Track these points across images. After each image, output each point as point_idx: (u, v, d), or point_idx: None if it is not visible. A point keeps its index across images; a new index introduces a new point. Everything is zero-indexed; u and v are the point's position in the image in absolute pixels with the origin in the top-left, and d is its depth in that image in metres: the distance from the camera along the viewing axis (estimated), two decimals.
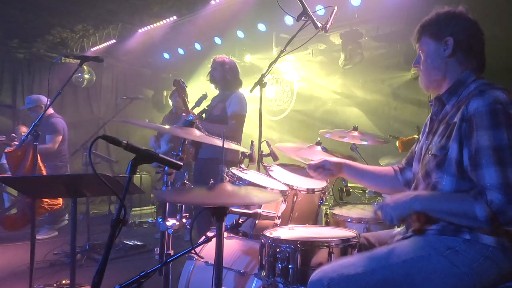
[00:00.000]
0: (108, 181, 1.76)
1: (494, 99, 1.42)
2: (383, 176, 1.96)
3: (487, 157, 1.37)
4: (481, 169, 1.38)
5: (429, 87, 1.69)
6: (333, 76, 6.03)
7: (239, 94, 3.73)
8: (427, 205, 1.48)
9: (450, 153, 1.48)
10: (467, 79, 1.58)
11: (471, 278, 1.39)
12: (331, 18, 2.62)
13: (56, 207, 3.89)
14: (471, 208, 1.36)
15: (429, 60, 1.65)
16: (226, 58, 3.85)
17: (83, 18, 6.35)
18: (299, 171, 2.57)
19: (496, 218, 1.33)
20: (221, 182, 1.72)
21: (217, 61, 3.81)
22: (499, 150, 1.36)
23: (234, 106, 3.64)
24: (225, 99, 3.70)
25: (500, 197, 1.32)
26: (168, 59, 7.38)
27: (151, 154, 1.39)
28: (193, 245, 1.80)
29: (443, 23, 1.62)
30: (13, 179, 2.99)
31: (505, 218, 1.33)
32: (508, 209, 1.31)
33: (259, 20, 5.75)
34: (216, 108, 3.71)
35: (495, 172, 1.35)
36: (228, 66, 3.79)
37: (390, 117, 5.35)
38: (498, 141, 1.37)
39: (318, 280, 1.46)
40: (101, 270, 1.29)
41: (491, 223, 1.34)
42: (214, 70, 3.82)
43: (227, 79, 3.76)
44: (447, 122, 1.54)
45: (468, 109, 1.45)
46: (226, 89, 3.78)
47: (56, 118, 5.31)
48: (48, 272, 3.76)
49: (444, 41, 1.59)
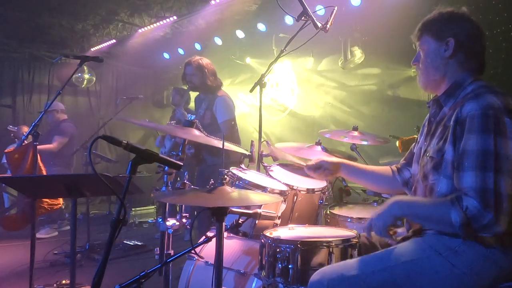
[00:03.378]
0: (108, 181, 1.76)
1: (487, 104, 1.41)
2: (381, 175, 1.96)
3: (470, 160, 1.37)
4: (462, 172, 1.39)
5: (427, 86, 1.69)
6: (333, 76, 6.03)
7: (223, 98, 3.63)
8: (405, 210, 1.49)
9: (446, 155, 1.48)
10: (464, 81, 1.57)
11: (470, 279, 1.39)
12: (331, 18, 2.62)
13: (56, 207, 3.88)
14: (447, 213, 1.36)
15: (428, 59, 1.64)
16: (201, 60, 3.64)
17: (83, 18, 6.35)
18: (299, 171, 2.56)
19: (469, 224, 1.33)
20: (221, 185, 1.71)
21: (194, 66, 3.61)
22: (483, 155, 1.36)
23: (221, 114, 3.56)
24: (211, 105, 3.61)
25: (476, 203, 1.32)
26: (168, 59, 7.38)
27: (151, 154, 1.39)
28: (193, 245, 1.80)
29: (445, 23, 1.61)
30: (13, 179, 2.99)
31: (479, 225, 1.32)
32: (482, 216, 1.31)
33: (259, 20, 5.75)
34: (205, 117, 3.61)
35: (474, 177, 1.35)
36: (207, 70, 3.60)
37: (390, 117, 5.35)
38: (484, 146, 1.36)
39: (318, 281, 1.46)
40: (101, 270, 1.29)
41: (465, 230, 1.34)
42: (192, 75, 3.64)
43: (208, 84, 3.61)
44: (444, 124, 1.54)
45: (462, 112, 1.45)
46: (208, 92, 3.67)
47: (68, 123, 5.64)
48: (48, 272, 3.76)
49: (445, 42, 1.59)
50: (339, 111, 5.98)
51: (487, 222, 1.31)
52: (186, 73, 3.68)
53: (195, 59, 3.65)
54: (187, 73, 3.67)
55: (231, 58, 6.95)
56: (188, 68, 3.65)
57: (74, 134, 5.64)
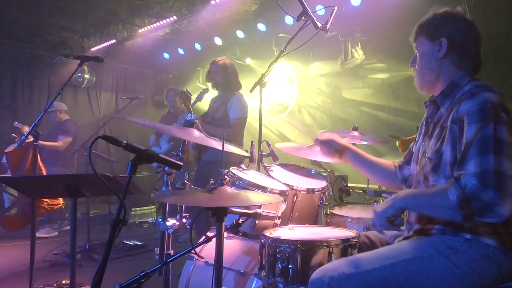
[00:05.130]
0: (108, 181, 1.76)
1: (484, 100, 1.41)
2: (383, 169, 1.97)
3: (471, 150, 1.37)
4: (465, 161, 1.37)
5: (423, 87, 1.70)
6: (333, 76, 6.03)
7: (239, 97, 3.73)
8: (408, 201, 1.48)
9: (444, 156, 1.48)
10: (461, 81, 1.57)
11: (471, 278, 1.39)
12: (331, 18, 2.62)
13: (56, 207, 3.89)
14: (445, 193, 1.35)
15: (423, 60, 1.65)
16: (226, 60, 3.82)
17: (83, 18, 6.34)
18: (299, 171, 2.57)
19: (468, 203, 1.30)
20: (221, 185, 1.71)
21: (219, 64, 3.77)
22: (483, 142, 1.35)
23: (235, 110, 3.64)
24: (226, 101, 3.70)
25: (475, 181, 1.30)
26: (168, 59, 7.38)
27: (151, 154, 1.39)
28: (193, 245, 1.80)
29: (438, 24, 1.61)
30: (13, 179, 2.98)
31: (479, 204, 1.29)
32: (482, 194, 1.28)
33: (259, 20, 5.75)
34: (218, 112, 3.71)
35: (475, 162, 1.34)
36: (231, 70, 3.77)
37: (390, 117, 5.35)
38: (484, 133, 1.36)
39: (319, 279, 1.46)
40: (101, 270, 1.29)
41: (463, 208, 1.31)
42: (215, 73, 3.78)
43: (230, 82, 3.75)
44: (441, 125, 1.54)
45: (458, 112, 1.45)
46: (227, 91, 3.77)
47: (71, 123, 5.72)
48: (48, 272, 3.76)
49: (439, 42, 1.59)
50: (339, 111, 5.99)
51: (487, 199, 1.27)
52: (210, 70, 3.83)
53: (221, 58, 3.83)
54: (211, 70, 3.81)
55: (231, 58, 6.94)
56: (214, 66, 3.80)
57: (77, 134, 5.68)
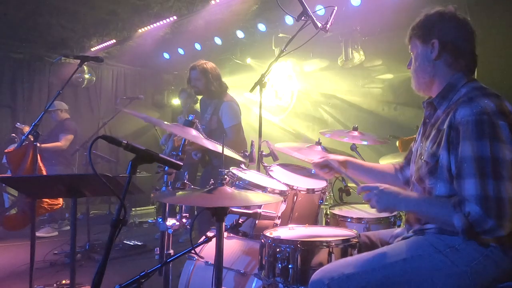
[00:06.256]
0: (108, 181, 1.76)
1: (481, 109, 1.40)
2: (384, 173, 1.98)
3: (468, 168, 1.38)
4: (462, 179, 1.40)
5: (419, 89, 1.70)
6: (333, 76, 6.03)
7: (229, 103, 3.59)
8: (412, 207, 1.54)
9: (441, 160, 1.49)
10: (458, 83, 1.57)
11: (470, 277, 1.39)
12: (331, 18, 2.62)
13: (56, 207, 3.88)
14: (450, 217, 1.39)
15: (417, 62, 1.65)
16: (206, 64, 3.59)
17: (83, 18, 6.35)
18: (299, 171, 2.57)
19: (472, 229, 1.35)
20: (221, 185, 1.72)
21: (199, 70, 3.56)
22: (480, 162, 1.36)
23: (228, 118, 3.52)
24: (217, 109, 3.57)
25: (478, 210, 1.33)
26: (168, 59, 7.37)
27: (151, 154, 1.39)
28: (193, 245, 1.80)
29: (429, 25, 1.61)
30: (13, 179, 2.98)
31: (481, 229, 1.34)
32: (484, 222, 1.33)
33: (259, 20, 5.75)
34: (212, 122, 3.58)
35: (475, 184, 1.36)
36: (211, 75, 3.56)
37: (390, 117, 5.35)
38: (481, 152, 1.36)
39: (319, 279, 1.46)
40: (101, 270, 1.29)
41: (468, 233, 1.36)
42: (196, 80, 3.60)
43: (212, 89, 3.58)
44: (438, 128, 1.54)
45: (455, 117, 1.44)
46: (214, 97, 3.64)
47: (71, 122, 5.79)
48: (48, 272, 3.76)
49: (431, 44, 1.59)
50: (339, 111, 5.98)
51: (489, 227, 1.33)
52: (191, 77, 3.66)
53: (200, 63, 3.61)
54: (192, 77, 3.64)
55: (231, 58, 6.95)
56: (193, 73, 3.62)
57: (78, 132, 5.73)
